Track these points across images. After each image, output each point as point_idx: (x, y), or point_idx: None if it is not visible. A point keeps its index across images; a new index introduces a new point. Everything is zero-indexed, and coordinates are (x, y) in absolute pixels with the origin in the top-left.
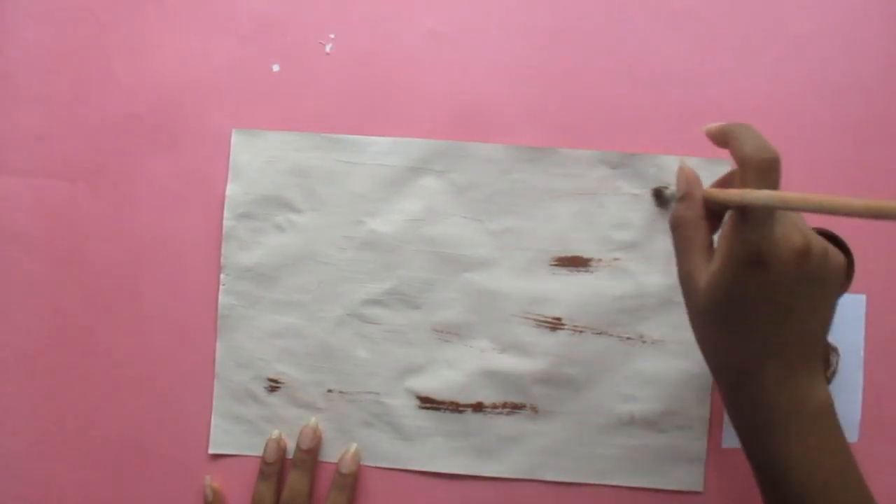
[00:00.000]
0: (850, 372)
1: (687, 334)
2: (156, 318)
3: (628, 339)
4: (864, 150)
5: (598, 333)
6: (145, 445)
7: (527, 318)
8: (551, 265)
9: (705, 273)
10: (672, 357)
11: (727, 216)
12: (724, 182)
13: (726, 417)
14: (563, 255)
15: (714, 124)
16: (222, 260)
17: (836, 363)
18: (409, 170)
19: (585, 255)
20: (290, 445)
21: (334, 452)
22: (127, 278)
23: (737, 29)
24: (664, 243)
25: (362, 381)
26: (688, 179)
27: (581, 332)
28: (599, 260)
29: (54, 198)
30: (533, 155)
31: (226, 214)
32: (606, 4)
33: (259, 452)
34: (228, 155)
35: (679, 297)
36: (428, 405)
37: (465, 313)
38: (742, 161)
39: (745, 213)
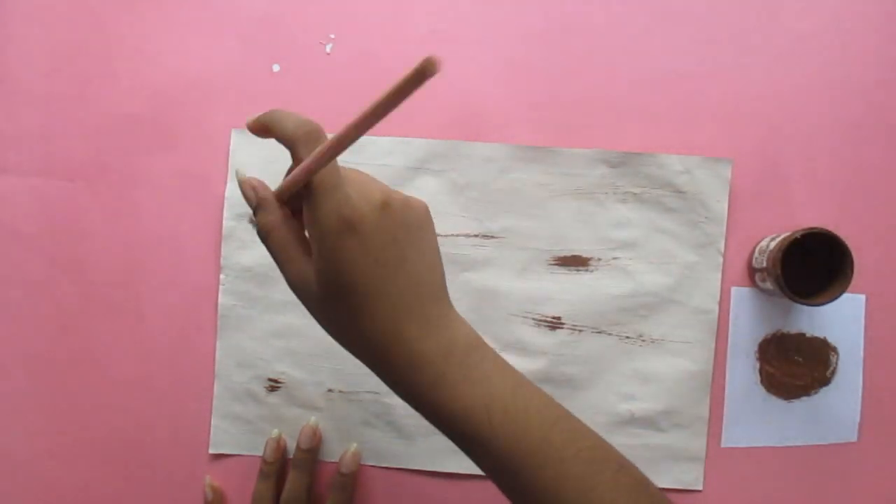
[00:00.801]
0: (850, 372)
1: (687, 333)
2: (156, 318)
3: (627, 338)
4: (865, 150)
5: (597, 332)
6: (145, 445)
7: (526, 317)
8: (550, 265)
9: (310, 270)
10: (671, 356)
11: (304, 204)
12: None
13: (726, 416)
14: (562, 254)
15: (250, 117)
16: (222, 260)
17: (836, 363)
18: (409, 169)
19: (585, 255)
20: (290, 445)
21: (334, 452)
22: (127, 278)
23: (737, 29)
24: (663, 243)
25: (362, 381)
26: (254, 188)
27: (580, 331)
28: (599, 259)
29: (54, 198)
30: (532, 155)
31: (226, 214)
32: (606, 5)
33: (259, 452)
34: (228, 155)
35: (679, 297)
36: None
37: (464, 313)
38: (289, 141)
39: (315, 188)
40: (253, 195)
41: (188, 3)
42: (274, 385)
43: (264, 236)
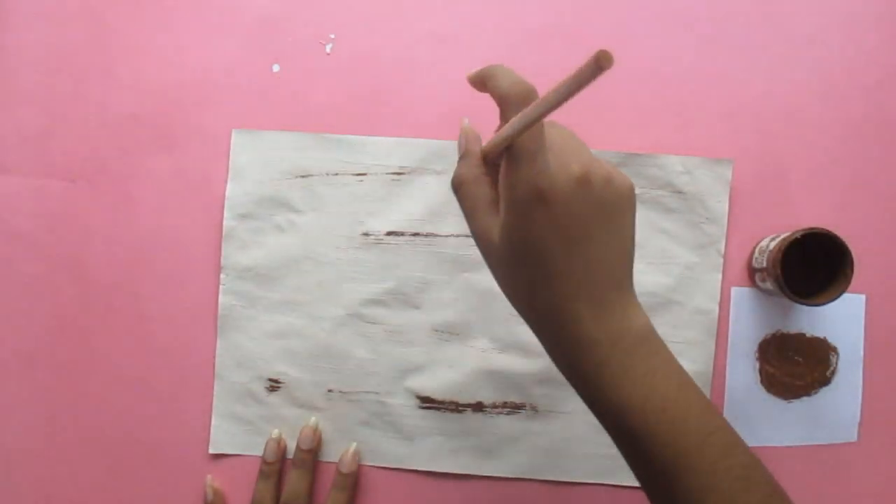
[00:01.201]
0: (850, 372)
1: (687, 334)
2: (156, 318)
3: None
4: (865, 150)
5: None
6: (145, 445)
7: None
8: None
9: (496, 226)
10: None
11: (502, 164)
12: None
13: (726, 416)
14: None
15: (474, 70)
16: (222, 260)
17: (836, 363)
18: (409, 169)
19: None
20: (291, 445)
21: (334, 452)
22: (127, 278)
23: (737, 29)
24: (664, 243)
25: (362, 381)
26: (467, 138)
27: None
28: None
29: (54, 198)
30: None
31: (226, 214)
32: (606, 5)
33: (259, 452)
34: (228, 155)
35: (679, 297)
36: (428, 405)
37: (464, 313)
38: (501, 98)
39: (515, 153)
40: (464, 144)
41: (188, 3)
42: (274, 385)
43: (457, 186)
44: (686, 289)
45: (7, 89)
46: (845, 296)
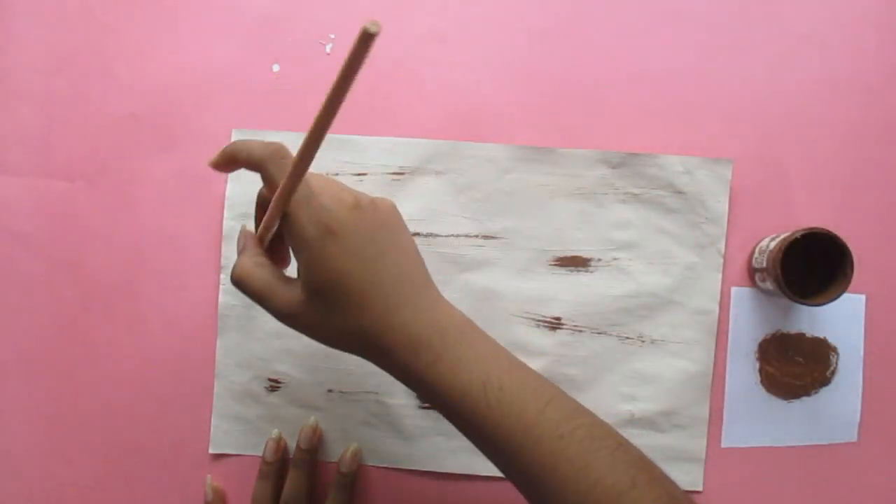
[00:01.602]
0: (850, 372)
1: (687, 334)
2: (156, 318)
3: (627, 338)
4: (865, 150)
5: (597, 333)
6: (146, 445)
7: (526, 317)
8: (551, 265)
9: (294, 287)
10: (671, 357)
11: (285, 220)
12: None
13: (726, 417)
14: (562, 254)
15: (211, 158)
16: (222, 260)
17: (836, 363)
18: (409, 170)
19: (585, 255)
20: (291, 445)
21: (334, 452)
22: (127, 278)
23: (737, 29)
24: (664, 243)
25: (362, 381)
26: (243, 235)
27: (581, 331)
28: (599, 260)
29: (54, 198)
30: (533, 155)
31: (226, 214)
32: (607, 5)
33: (259, 452)
34: None
35: (680, 297)
36: (428, 405)
37: (465, 313)
38: (258, 163)
39: (293, 206)
40: (241, 242)
41: (188, 3)
42: (274, 385)
43: (240, 280)
44: (686, 289)
45: (7, 89)
46: (845, 296)
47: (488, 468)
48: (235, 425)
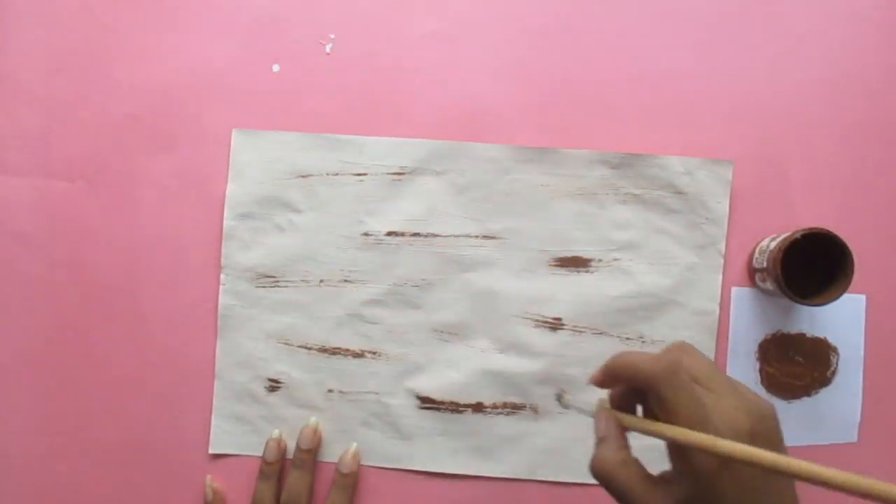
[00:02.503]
0: (850, 372)
1: (687, 335)
2: (156, 318)
3: (628, 339)
4: (865, 150)
5: (598, 333)
6: (146, 445)
7: (527, 318)
8: (551, 265)
9: (664, 490)
10: None
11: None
12: (621, 399)
13: None
14: (562, 255)
15: (596, 372)
16: (222, 260)
17: (836, 363)
18: (409, 169)
19: (585, 256)
20: (291, 445)
21: (334, 452)
22: (127, 278)
23: (737, 29)
24: (664, 244)
25: (362, 381)
26: (605, 419)
27: (581, 332)
28: (599, 260)
29: (54, 198)
30: (533, 155)
31: (226, 214)
32: (607, 5)
33: (259, 452)
34: (228, 155)
35: (680, 297)
36: (428, 405)
37: (465, 313)
38: (649, 381)
39: (682, 429)
40: (602, 427)
41: (188, 3)
42: (274, 385)
43: (601, 474)
44: (686, 289)
45: (7, 89)
46: (845, 296)
47: (488, 468)
48: (235, 425)
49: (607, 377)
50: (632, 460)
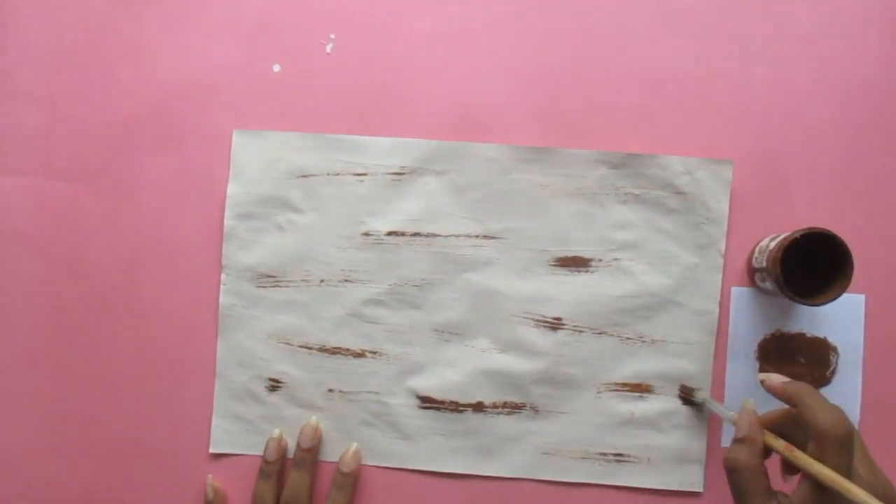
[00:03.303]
0: (850, 371)
1: (687, 335)
2: (156, 318)
3: (628, 339)
4: (865, 150)
5: (598, 333)
6: (146, 445)
7: (527, 318)
8: (551, 265)
9: None
10: (672, 357)
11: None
12: (776, 423)
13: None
14: (563, 255)
15: (773, 379)
16: (223, 260)
17: (836, 363)
18: (410, 170)
19: (585, 256)
20: (291, 445)
21: (335, 452)
22: (127, 278)
23: (737, 29)
24: (664, 244)
25: (362, 381)
26: (750, 422)
27: (581, 332)
28: (599, 260)
29: (54, 198)
30: (533, 155)
31: (226, 214)
32: (607, 5)
33: (260, 452)
34: (229, 155)
35: (680, 297)
36: (428, 405)
37: (465, 313)
38: (819, 434)
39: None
40: (745, 428)
41: (188, 3)
42: (274, 385)
43: (732, 469)
44: (686, 289)
45: (7, 89)
46: (845, 296)
47: (488, 468)
48: (236, 425)
49: (784, 396)
50: (763, 469)
